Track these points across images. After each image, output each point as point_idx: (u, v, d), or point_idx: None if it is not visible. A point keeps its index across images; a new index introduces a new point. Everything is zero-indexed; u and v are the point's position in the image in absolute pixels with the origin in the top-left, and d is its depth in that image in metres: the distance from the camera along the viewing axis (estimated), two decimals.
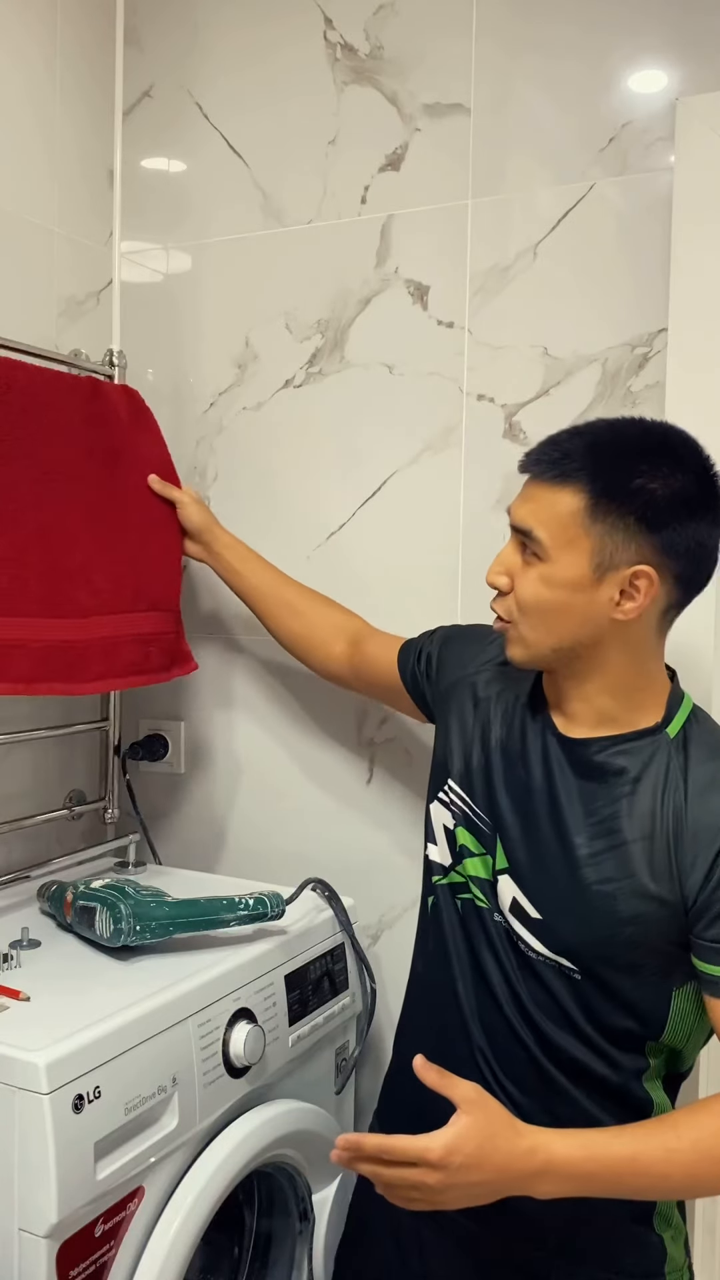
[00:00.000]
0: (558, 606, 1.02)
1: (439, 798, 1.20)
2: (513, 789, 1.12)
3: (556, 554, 1.01)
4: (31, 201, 1.67)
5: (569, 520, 0.99)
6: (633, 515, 0.98)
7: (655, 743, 1.06)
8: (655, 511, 0.98)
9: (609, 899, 1.03)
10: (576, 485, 0.99)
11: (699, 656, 1.43)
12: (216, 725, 1.83)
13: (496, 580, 1.06)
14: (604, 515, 0.98)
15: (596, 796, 1.06)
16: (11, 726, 1.65)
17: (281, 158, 1.71)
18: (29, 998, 1.18)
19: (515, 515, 1.04)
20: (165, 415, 1.83)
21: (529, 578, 1.03)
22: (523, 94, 1.53)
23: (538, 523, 1.01)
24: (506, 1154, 0.91)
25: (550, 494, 1.00)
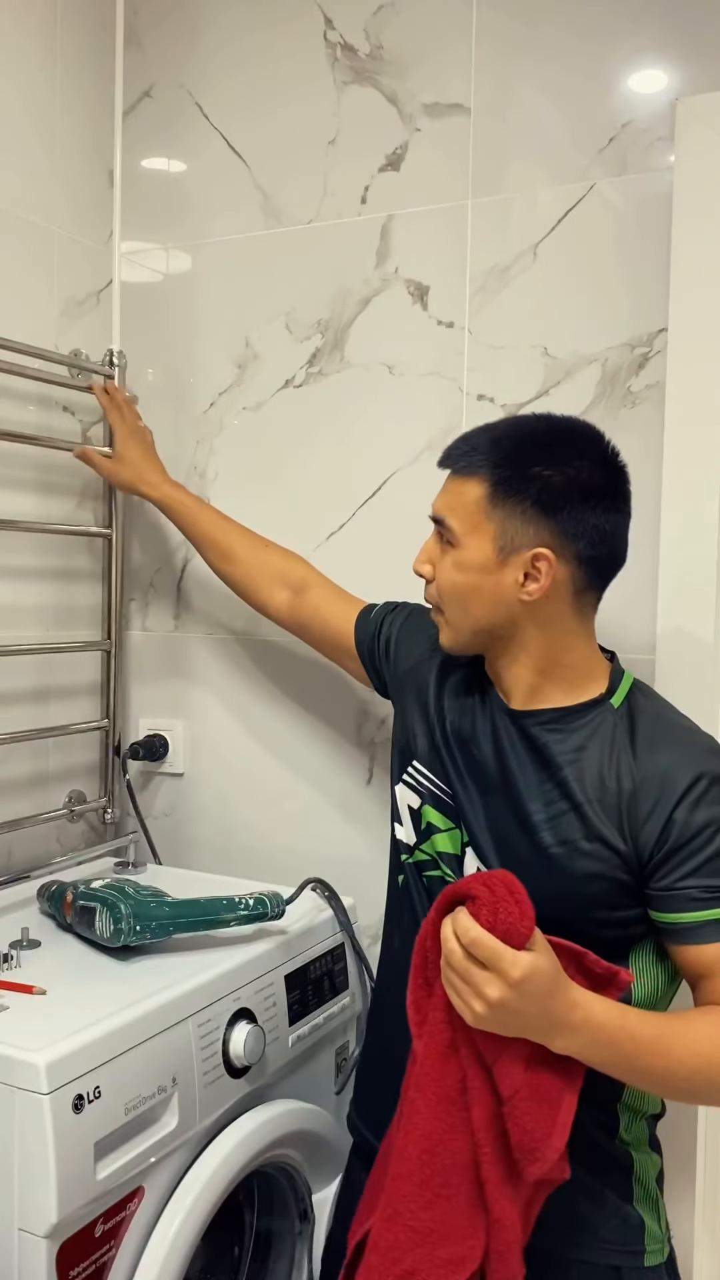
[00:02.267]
0: (470, 589, 1.11)
1: (404, 780, 1.23)
2: (469, 765, 1.17)
3: (465, 540, 1.10)
4: (31, 201, 1.67)
5: (474, 508, 1.09)
6: (529, 500, 1.07)
7: (600, 712, 1.12)
8: (551, 497, 1.07)
9: (567, 859, 1.07)
10: (481, 475, 1.09)
11: (699, 656, 1.43)
12: (216, 725, 1.83)
13: (421, 569, 1.16)
14: (503, 501, 1.08)
15: (547, 764, 1.11)
16: (11, 726, 1.65)
17: (281, 158, 1.71)
18: (44, 991, 1.19)
19: (434, 507, 1.15)
20: (165, 415, 1.83)
21: (445, 564, 1.13)
22: (523, 94, 1.53)
23: (449, 511, 1.12)
24: (559, 1001, 0.94)
25: (460, 485, 1.11)
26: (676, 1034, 0.99)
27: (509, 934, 0.93)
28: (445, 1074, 0.99)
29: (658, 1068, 0.98)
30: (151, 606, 1.87)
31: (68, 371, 1.73)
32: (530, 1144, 0.96)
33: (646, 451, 1.46)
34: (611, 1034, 0.96)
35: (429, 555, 1.16)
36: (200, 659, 1.83)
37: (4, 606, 1.66)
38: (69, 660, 1.78)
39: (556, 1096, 0.97)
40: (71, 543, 1.78)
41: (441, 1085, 0.99)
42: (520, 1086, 0.96)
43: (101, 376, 1.78)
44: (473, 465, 1.10)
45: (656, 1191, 1.15)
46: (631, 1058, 0.97)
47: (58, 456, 1.74)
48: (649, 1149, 1.15)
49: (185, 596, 1.84)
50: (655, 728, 1.10)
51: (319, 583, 1.52)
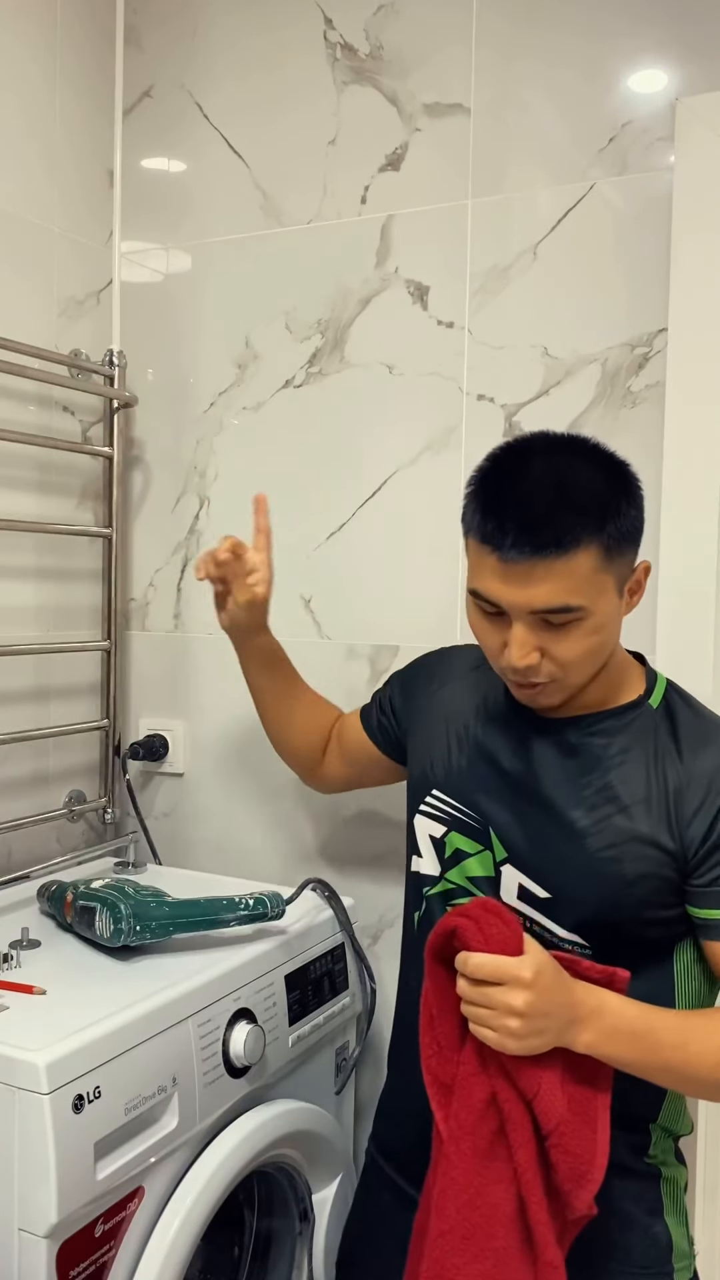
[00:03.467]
0: (602, 645, 1.04)
1: (421, 810, 1.20)
2: (499, 781, 1.14)
3: (594, 606, 1.01)
4: (31, 201, 1.67)
5: (591, 575, 1.00)
6: (635, 538, 1.04)
7: (640, 714, 1.10)
8: (641, 517, 1.05)
9: (615, 863, 1.05)
10: (588, 544, 0.99)
11: (699, 656, 1.43)
12: (216, 725, 1.83)
13: (530, 661, 1.02)
14: (617, 551, 1.02)
15: (588, 770, 1.09)
16: (11, 726, 1.65)
17: (281, 158, 1.71)
18: (44, 991, 1.19)
19: (534, 600, 1.00)
20: (165, 415, 1.83)
21: (572, 640, 1.02)
22: (523, 94, 1.53)
23: (569, 595, 0.99)
24: (573, 992, 0.95)
25: (563, 565, 0.98)
26: (696, 1028, 0.99)
27: (504, 948, 0.93)
28: (480, 1129, 0.98)
29: (678, 1061, 0.98)
30: (151, 606, 1.87)
31: (68, 371, 1.73)
32: (581, 1168, 0.95)
33: (646, 451, 1.46)
34: (629, 1022, 0.96)
35: (533, 644, 1.02)
36: (200, 659, 1.83)
37: (4, 606, 1.66)
38: (69, 660, 1.78)
39: (594, 1114, 0.97)
40: (71, 543, 1.78)
41: (476, 1140, 0.98)
42: (563, 1115, 0.96)
43: (103, 378, 1.79)
44: (573, 539, 0.98)
45: (684, 1204, 1.15)
46: (652, 1051, 0.97)
47: (58, 456, 1.74)
48: (676, 1162, 1.15)
49: (185, 596, 1.84)
50: (698, 727, 1.09)
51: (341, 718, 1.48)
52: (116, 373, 1.80)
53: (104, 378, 1.79)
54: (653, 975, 1.09)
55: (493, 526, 0.99)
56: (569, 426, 1.52)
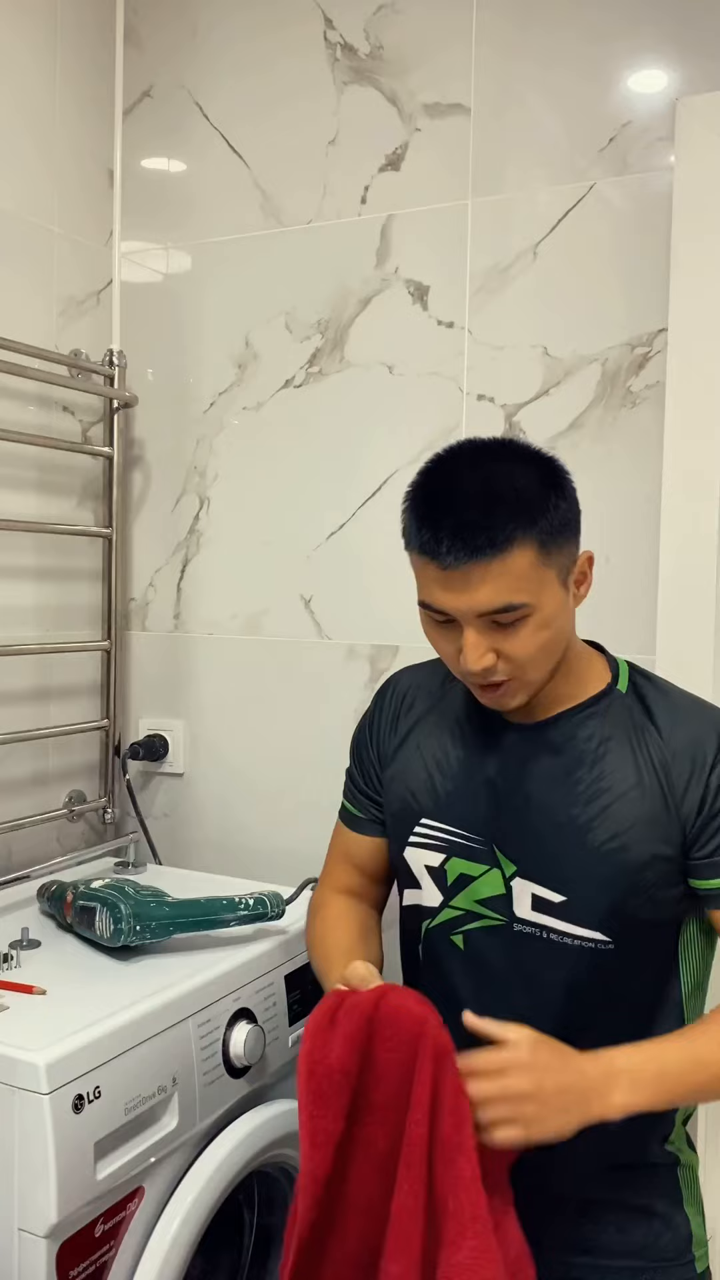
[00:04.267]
0: (555, 636, 1.05)
1: (412, 842, 1.17)
2: (490, 797, 1.13)
3: (539, 600, 1.02)
4: (31, 201, 1.67)
5: (530, 571, 1.00)
6: (570, 530, 1.05)
7: (611, 701, 1.12)
8: (577, 514, 1.06)
9: (621, 852, 1.06)
10: (521, 542, 0.99)
11: (699, 656, 1.43)
12: (216, 725, 1.83)
13: (485, 663, 1.03)
14: (554, 545, 1.02)
15: (576, 766, 1.09)
16: (11, 726, 1.65)
17: (281, 157, 1.71)
18: (44, 991, 1.19)
19: (477, 603, 1.01)
20: (165, 415, 1.83)
21: (522, 636, 1.03)
22: (523, 94, 1.53)
23: (511, 594, 1.00)
24: (579, 1057, 0.95)
25: (501, 566, 0.99)
26: (704, 1043, 1.00)
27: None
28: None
29: (705, 1079, 0.99)
30: (151, 606, 1.87)
31: (68, 371, 1.73)
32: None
33: (646, 451, 1.46)
34: (646, 1068, 0.96)
35: (485, 646, 1.03)
36: (200, 659, 1.83)
37: (4, 606, 1.66)
38: (69, 660, 1.78)
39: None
40: (71, 543, 1.78)
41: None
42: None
43: (103, 378, 1.79)
44: (506, 539, 0.99)
45: (699, 1192, 1.17)
46: (678, 1081, 0.97)
47: (58, 456, 1.74)
48: (689, 1148, 1.17)
49: (185, 596, 1.84)
50: (668, 704, 1.11)
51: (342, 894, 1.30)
52: (116, 373, 1.80)
53: (104, 378, 1.79)
54: (661, 954, 1.11)
55: (428, 536, 1.01)
56: (569, 426, 1.52)
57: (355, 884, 1.28)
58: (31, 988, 1.19)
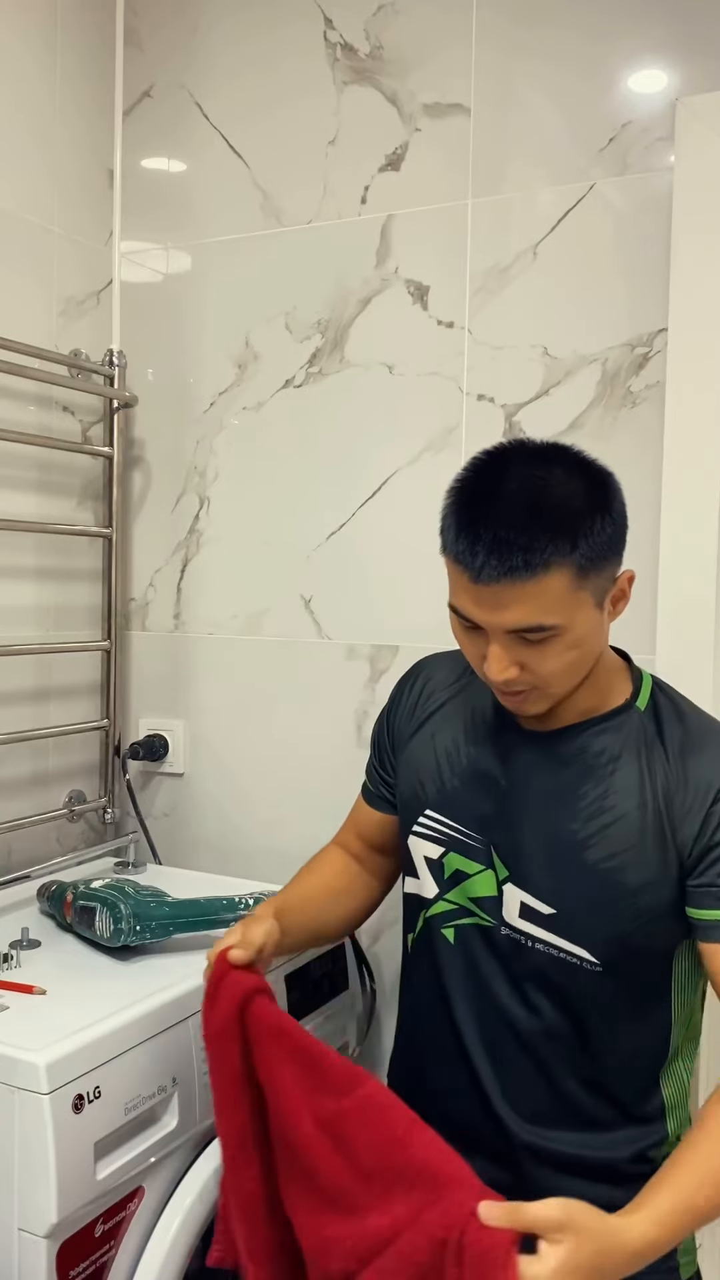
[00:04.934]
0: (586, 655, 1.04)
1: (415, 831, 1.18)
2: (493, 798, 1.13)
3: (571, 621, 1.00)
4: (31, 201, 1.67)
5: (565, 594, 0.98)
6: (610, 553, 1.02)
7: (628, 718, 1.10)
8: (621, 535, 1.03)
9: (617, 873, 1.05)
10: (559, 564, 0.97)
11: (699, 656, 1.43)
12: (216, 725, 1.83)
13: (508, 675, 1.01)
14: (592, 569, 0.99)
15: (583, 781, 1.08)
16: (11, 726, 1.65)
17: (281, 158, 1.71)
18: (44, 991, 1.19)
19: (506, 621, 0.99)
20: (165, 415, 1.83)
21: (551, 654, 1.01)
22: (523, 94, 1.53)
23: (541, 615, 0.98)
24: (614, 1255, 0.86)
25: (533, 587, 0.97)
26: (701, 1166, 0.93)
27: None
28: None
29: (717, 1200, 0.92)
30: (151, 606, 1.87)
31: (68, 371, 1.73)
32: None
33: (646, 451, 1.46)
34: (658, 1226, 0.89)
35: (510, 660, 1.01)
36: (200, 659, 1.83)
37: (4, 606, 1.66)
38: (69, 660, 1.78)
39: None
40: (71, 543, 1.78)
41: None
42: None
43: (103, 378, 1.79)
44: (543, 562, 0.96)
45: None
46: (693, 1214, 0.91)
47: (58, 456, 1.74)
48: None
49: (185, 596, 1.84)
50: (684, 729, 1.09)
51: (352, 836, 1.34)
52: (116, 373, 1.80)
53: (104, 378, 1.79)
54: (651, 983, 1.09)
55: (464, 547, 0.98)
56: (569, 426, 1.52)
57: (357, 849, 1.32)
58: (31, 988, 1.19)
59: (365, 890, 1.31)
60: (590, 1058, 1.09)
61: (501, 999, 1.11)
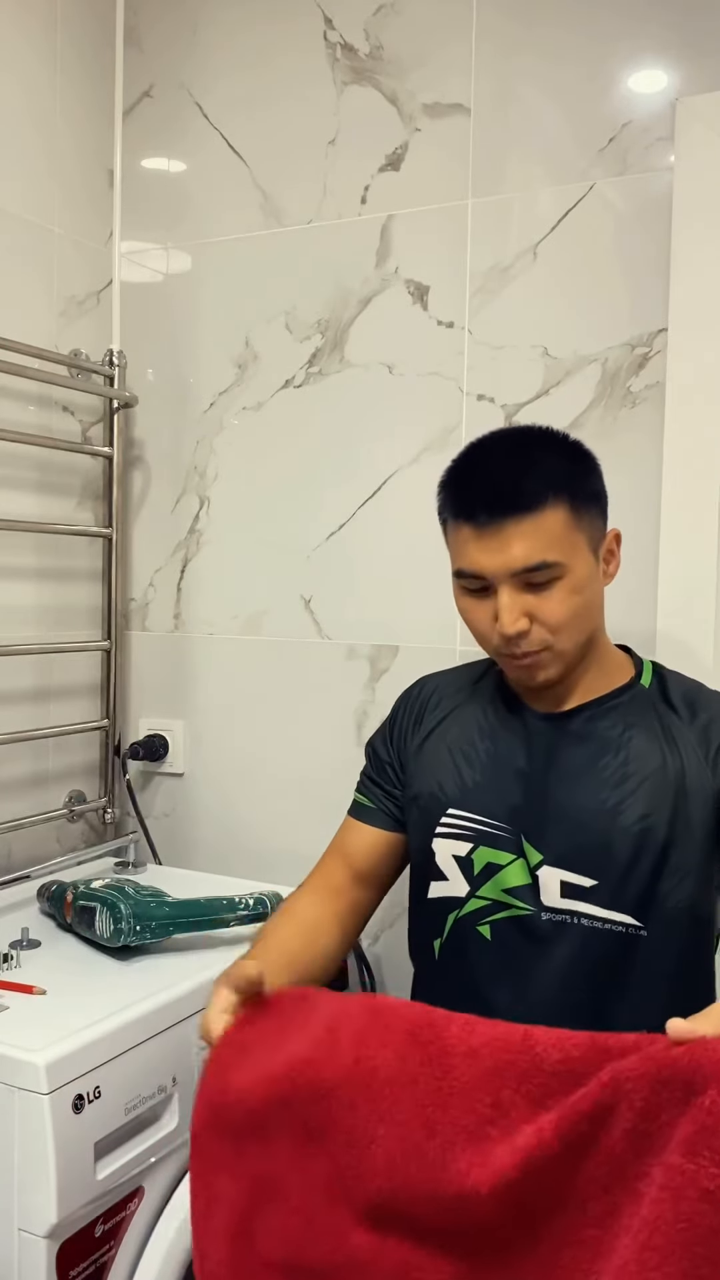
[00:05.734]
0: (586, 606, 1.09)
1: (439, 833, 1.18)
2: (519, 786, 1.15)
3: (572, 563, 1.06)
4: (31, 201, 1.67)
5: (564, 531, 1.06)
6: (597, 497, 1.11)
7: (635, 694, 1.16)
8: (602, 485, 1.13)
9: (652, 832, 1.08)
10: (557, 500, 1.05)
11: (699, 656, 1.43)
12: (216, 725, 1.83)
13: (520, 626, 1.06)
14: (584, 509, 1.08)
15: (601, 754, 1.12)
16: (11, 726, 1.65)
17: (281, 158, 1.71)
18: (44, 991, 1.19)
19: (512, 561, 1.04)
20: (165, 415, 1.83)
21: (554, 600, 1.06)
22: (523, 94, 1.53)
23: (545, 551, 1.05)
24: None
25: (535, 523, 1.04)
26: None
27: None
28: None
29: None
30: (151, 606, 1.87)
31: (68, 371, 1.73)
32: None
33: (646, 451, 1.46)
34: None
35: (520, 609, 1.06)
36: (200, 659, 1.83)
37: (4, 606, 1.66)
38: (69, 660, 1.78)
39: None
40: (71, 543, 1.78)
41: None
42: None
43: (103, 378, 1.79)
44: (542, 496, 1.04)
45: None
46: None
47: (58, 456, 1.74)
48: None
49: (185, 596, 1.84)
50: (688, 693, 1.17)
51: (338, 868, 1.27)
52: (116, 373, 1.80)
53: (104, 378, 1.79)
54: (693, 943, 1.12)
55: (465, 497, 1.08)
56: (569, 426, 1.52)
57: (339, 881, 1.25)
58: (31, 988, 1.19)
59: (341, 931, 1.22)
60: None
61: (542, 987, 1.11)
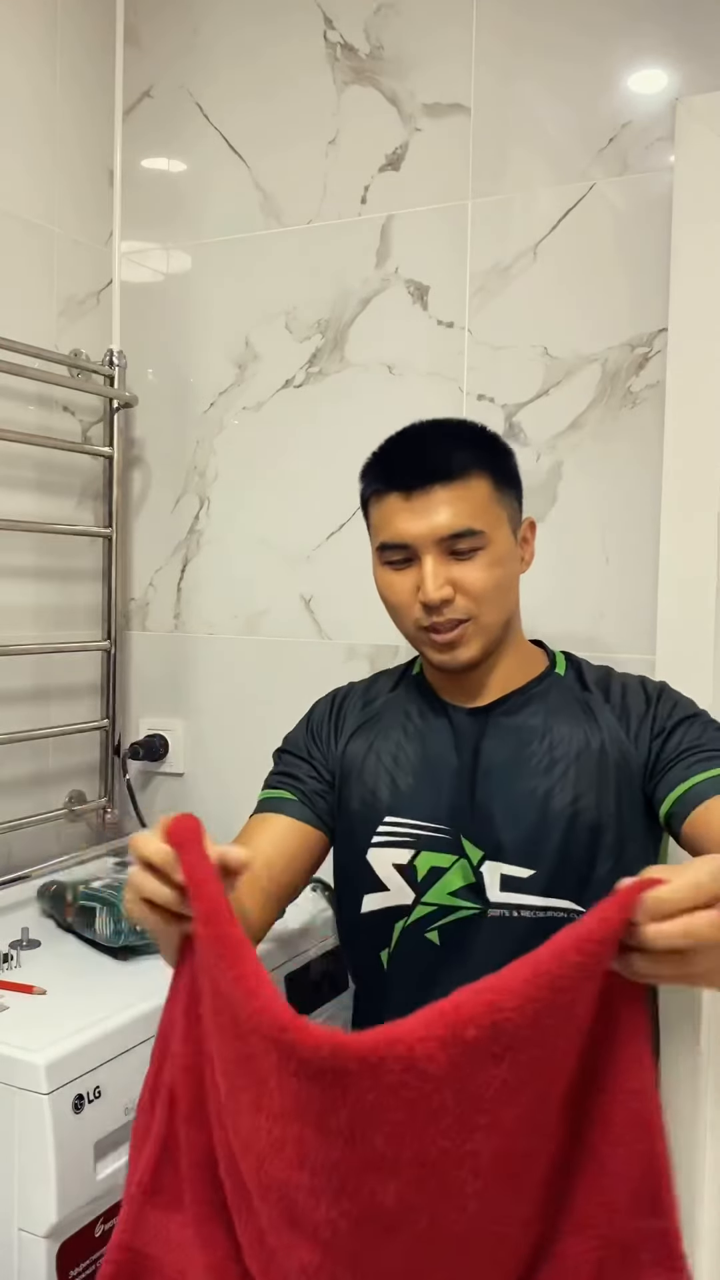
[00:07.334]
0: (505, 580, 1.12)
1: (376, 843, 1.16)
2: (452, 785, 1.15)
3: (493, 535, 1.10)
4: (32, 202, 1.67)
5: (488, 502, 1.10)
6: (515, 479, 1.16)
7: (552, 682, 1.20)
8: (517, 470, 1.17)
9: (582, 814, 1.10)
10: (481, 471, 1.10)
11: (699, 656, 1.43)
12: (216, 725, 1.82)
13: (443, 594, 1.08)
14: (504, 486, 1.13)
15: (528, 742, 1.14)
16: (11, 726, 1.65)
17: (281, 158, 1.71)
18: (44, 991, 1.19)
19: (438, 526, 1.08)
20: (165, 415, 1.83)
21: (476, 569, 1.09)
22: (523, 94, 1.53)
23: (471, 518, 1.08)
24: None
25: (461, 490, 1.08)
26: None
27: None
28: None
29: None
30: (151, 606, 1.87)
31: (68, 371, 1.73)
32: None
33: (646, 451, 1.46)
34: None
35: (444, 576, 1.08)
36: (200, 659, 1.83)
37: (4, 606, 1.66)
38: (69, 660, 1.78)
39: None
40: (71, 543, 1.78)
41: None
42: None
43: (103, 378, 1.79)
44: (468, 466, 1.09)
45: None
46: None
47: (58, 456, 1.74)
48: None
49: (185, 596, 1.84)
50: (601, 676, 1.20)
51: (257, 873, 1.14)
52: (116, 373, 1.80)
53: (104, 378, 1.79)
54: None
55: (393, 469, 1.11)
56: (569, 426, 1.52)
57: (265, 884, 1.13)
58: (31, 988, 1.19)
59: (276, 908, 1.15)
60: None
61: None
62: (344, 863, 1.20)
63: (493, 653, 1.15)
